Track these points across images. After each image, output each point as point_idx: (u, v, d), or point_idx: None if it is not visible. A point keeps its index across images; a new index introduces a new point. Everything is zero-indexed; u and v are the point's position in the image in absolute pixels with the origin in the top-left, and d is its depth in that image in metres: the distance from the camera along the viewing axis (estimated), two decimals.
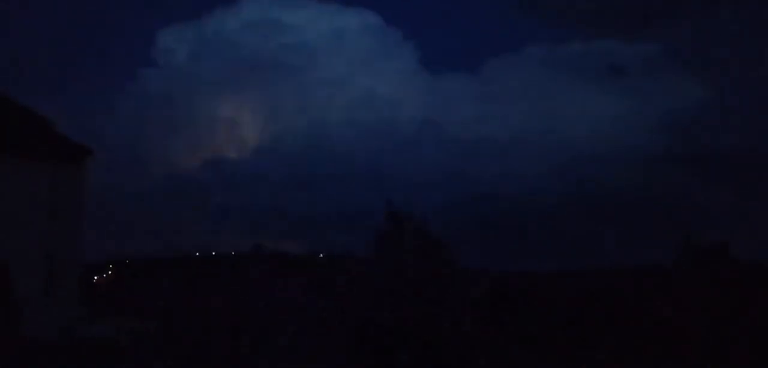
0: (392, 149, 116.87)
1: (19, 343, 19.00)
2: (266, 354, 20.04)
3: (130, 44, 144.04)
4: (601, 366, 20.37)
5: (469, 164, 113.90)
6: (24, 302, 20.40)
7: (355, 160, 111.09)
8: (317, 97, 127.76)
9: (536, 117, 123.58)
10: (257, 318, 24.17)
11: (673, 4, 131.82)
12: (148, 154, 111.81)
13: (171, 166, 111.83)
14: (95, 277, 43.85)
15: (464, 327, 22.54)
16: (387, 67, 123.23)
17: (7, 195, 20.67)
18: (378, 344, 20.84)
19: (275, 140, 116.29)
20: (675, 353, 20.40)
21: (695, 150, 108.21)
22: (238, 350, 20.35)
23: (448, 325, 22.25)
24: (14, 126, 21.63)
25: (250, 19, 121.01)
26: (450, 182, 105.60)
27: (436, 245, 24.90)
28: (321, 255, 42.82)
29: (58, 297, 21.28)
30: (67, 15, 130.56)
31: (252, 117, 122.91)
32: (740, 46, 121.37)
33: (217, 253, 53.00)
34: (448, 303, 23.67)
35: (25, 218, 20.98)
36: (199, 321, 23.53)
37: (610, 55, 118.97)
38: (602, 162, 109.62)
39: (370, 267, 26.31)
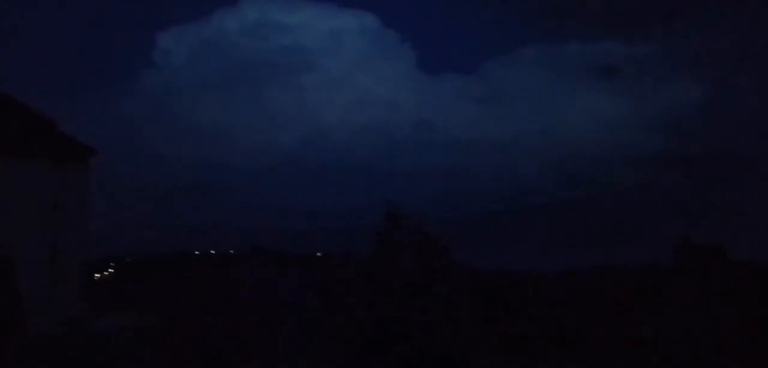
0: (390, 149, 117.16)
1: (23, 339, 19.31)
2: (265, 353, 20.28)
3: (131, 46, 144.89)
4: (597, 364, 20.63)
5: (466, 164, 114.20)
6: (28, 299, 20.73)
7: (353, 159, 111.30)
8: (315, 98, 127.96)
9: (533, 117, 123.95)
10: (256, 317, 24.42)
11: (669, 5, 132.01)
12: (148, 154, 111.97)
13: (171, 166, 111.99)
14: (96, 275, 44.12)
15: (462, 326, 22.78)
16: (385, 68, 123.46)
17: (12, 194, 21.04)
18: (376, 343, 21.08)
19: (274, 140, 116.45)
20: (671, 353, 20.64)
21: (692, 150, 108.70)
22: (236, 348, 20.59)
23: (446, 324, 22.49)
24: (19, 126, 21.98)
25: (249, 21, 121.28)
26: (447, 182, 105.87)
27: (434, 244, 25.12)
28: (319, 255, 43.04)
29: (62, 294, 21.61)
30: (69, 17, 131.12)
31: (251, 117, 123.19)
32: (737, 47, 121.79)
33: (217, 252, 53.35)
34: (447, 302, 23.90)
35: (30, 216, 21.36)
36: (199, 319, 23.79)
37: (607, 56, 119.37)
38: (599, 162, 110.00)
39: (368, 267, 26.53)
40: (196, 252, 53.78)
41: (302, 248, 49.57)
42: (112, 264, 50.25)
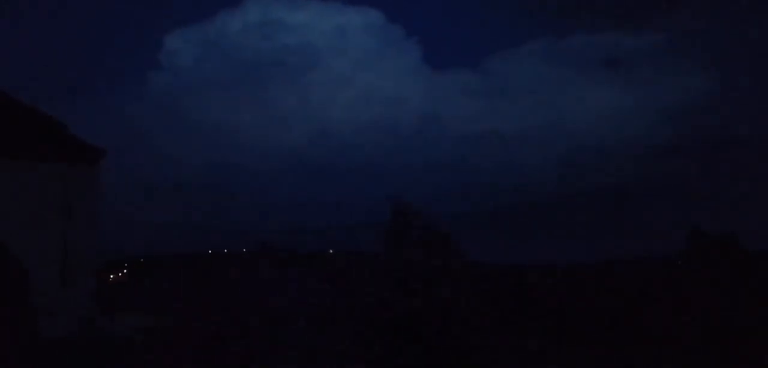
0: (397, 145, 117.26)
1: (35, 341, 19.50)
2: (277, 350, 20.35)
3: (139, 48, 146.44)
4: (606, 357, 20.54)
5: (473, 158, 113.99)
6: (40, 301, 20.92)
7: (359, 156, 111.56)
8: (322, 95, 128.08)
9: (538, 110, 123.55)
10: (268, 315, 24.50)
11: None
12: (158, 155, 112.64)
13: (181, 166, 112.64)
14: (111, 276, 44.51)
15: (472, 321, 22.75)
16: (390, 64, 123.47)
17: (22, 197, 21.29)
18: (388, 339, 21.09)
19: (281, 139, 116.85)
20: (682, 344, 20.50)
21: (699, 140, 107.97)
22: (249, 347, 20.68)
23: (456, 319, 22.47)
24: (29, 129, 22.21)
25: (254, 21, 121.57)
26: (454, 176, 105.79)
27: (443, 238, 25.09)
28: (330, 251, 43.11)
29: (74, 296, 21.80)
30: (78, 22, 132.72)
31: (258, 116, 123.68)
32: (743, 37, 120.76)
33: (229, 250, 53.56)
34: (457, 297, 23.85)
35: (40, 219, 21.59)
36: (212, 317, 23.90)
37: (612, 48, 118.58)
38: (606, 153, 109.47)
39: (378, 263, 26.53)
40: (209, 252, 54.01)
41: (312, 245, 49.68)
42: (126, 264, 50.69)
